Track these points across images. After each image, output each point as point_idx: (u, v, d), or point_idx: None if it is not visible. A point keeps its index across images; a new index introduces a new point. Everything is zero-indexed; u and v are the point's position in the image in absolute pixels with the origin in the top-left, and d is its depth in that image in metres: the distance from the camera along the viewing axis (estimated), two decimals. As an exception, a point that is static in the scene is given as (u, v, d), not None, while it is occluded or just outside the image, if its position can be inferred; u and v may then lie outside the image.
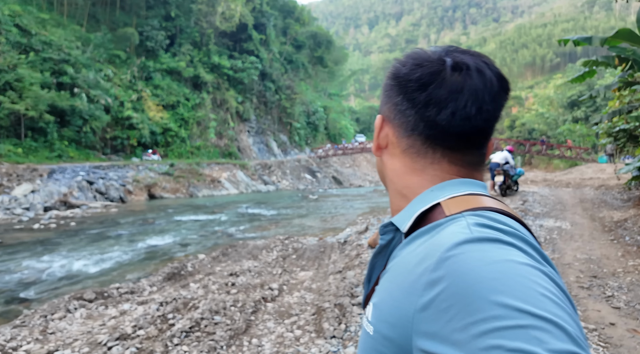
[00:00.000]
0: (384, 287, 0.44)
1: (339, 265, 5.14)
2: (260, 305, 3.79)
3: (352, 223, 9.88)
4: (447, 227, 0.42)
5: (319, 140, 43.51)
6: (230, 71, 32.08)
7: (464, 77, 0.49)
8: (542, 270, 0.37)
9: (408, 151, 0.53)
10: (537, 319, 0.31)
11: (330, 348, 2.73)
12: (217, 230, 9.99)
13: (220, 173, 24.49)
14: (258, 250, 6.67)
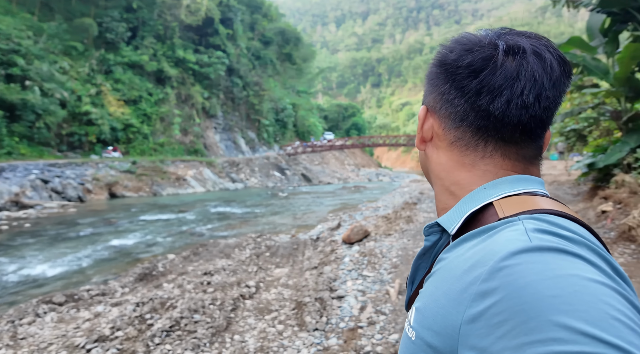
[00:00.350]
0: (428, 292, 0.42)
1: (314, 261, 5.25)
2: (239, 303, 3.82)
3: (323, 220, 10.02)
4: (502, 232, 0.38)
5: (288, 138, 43.40)
6: (195, 66, 31.22)
7: (520, 62, 0.44)
8: (615, 289, 0.32)
9: (456, 143, 0.49)
10: (607, 347, 0.28)
11: (314, 340, 2.83)
12: (185, 229, 9.79)
13: (185, 171, 23.84)
14: (230, 249, 6.65)
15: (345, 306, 3.41)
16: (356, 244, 5.73)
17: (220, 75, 33.33)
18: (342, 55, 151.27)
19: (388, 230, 6.43)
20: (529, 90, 0.44)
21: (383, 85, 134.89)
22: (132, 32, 28.59)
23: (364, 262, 4.69)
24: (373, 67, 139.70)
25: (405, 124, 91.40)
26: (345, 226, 7.84)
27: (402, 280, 3.95)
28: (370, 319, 3.13)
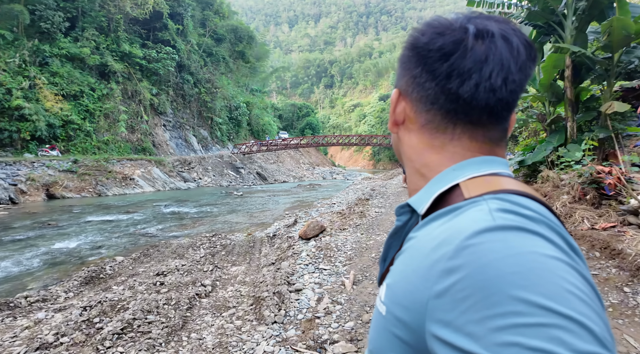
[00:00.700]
0: (398, 269, 0.43)
1: (271, 258, 5.28)
2: (195, 301, 3.76)
3: (279, 218, 10.04)
4: (467, 211, 0.40)
5: (242, 136, 42.61)
6: (143, 61, 29.61)
7: (489, 45, 0.45)
8: (570, 264, 0.34)
9: (427, 126, 0.50)
10: (561, 318, 0.30)
11: (273, 333, 2.88)
12: (134, 231, 9.33)
13: (133, 170, 22.58)
14: (183, 249, 6.47)
15: (303, 299, 3.48)
16: (313, 239, 5.84)
17: (169, 71, 31.91)
18: (296, 56, 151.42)
19: (343, 225, 6.62)
20: (497, 73, 0.45)
21: (336, 86, 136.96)
22: (70, 22, 26.47)
23: (321, 256, 4.80)
24: (326, 69, 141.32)
25: (357, 125, 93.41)
26: (301, 223, 7.93)
27: (356, 271, 4.12)
28: (327, 310, 3.23)
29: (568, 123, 6.66)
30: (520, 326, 0.30)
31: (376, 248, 5.02)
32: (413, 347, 0.39)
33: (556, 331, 0.29)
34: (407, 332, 0.40)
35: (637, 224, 3.89)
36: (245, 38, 44.36)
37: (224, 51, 41.97)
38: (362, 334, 2.76)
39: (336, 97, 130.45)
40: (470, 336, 0.32)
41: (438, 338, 0.35)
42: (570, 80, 6.67)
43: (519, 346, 0.29)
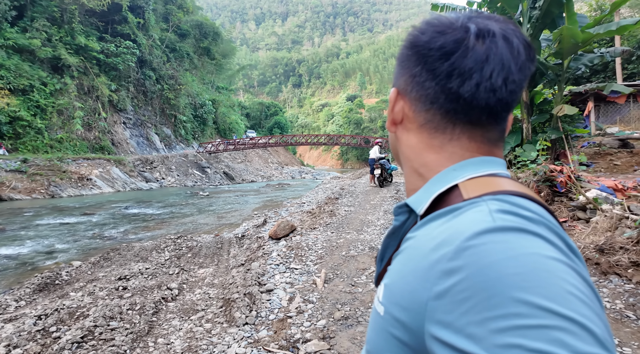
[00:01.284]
0: (396, 269, 0.43)
1: (241, 259, 5.20)
2: (161, 305, 3.63)
3: (248, 218, 9.90)
4: (466, 212, 0.40)
5: (208, 135, 41.54)
6: (100, 55, 28.07)
7: (490, 45, 0.44)
8: (570, 265, 0.34)
9: (426, 126, 0.50)
10: (562, 320, 0.30)
11: (244, 334, 2.84)
12: (92, 234, 8.84)
13: (90, 170, 21.40)
14: (147, 252, 6.23)
15: (275, 299, 3.46)
16: (283, 239, 5.81)
17: (130, 67, 30.48)
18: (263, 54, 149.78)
19: (313, 224, 6.63)
20: (497, 73, 0.44)
21: (304, 85, 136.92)
22: (18, 11, 24.63)
23: (292, 256, 4.79)
24: (294, 68, 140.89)
25: (325, 124, 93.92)
26: (271, 222, 7.86)
27: (327, 270, 4.14)
28: (299, 309, 3.23)
29: (524, 124, 7.06)
30: (522, 327, 0.30)
31: (346, 246, 5.07)
32: (411, 348, 0.39)
33: (557, 332, 0.29)
34: (405, 333, 0.39)
35: (585, 219, 4.20)
36: (211, 34, 43.26)
37: (188, 47, 40.71)
38: (334, 332, 2.79)
39: (304, 96, 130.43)
40: (470, 338, 0.32)
41: (438, 339, 0.35)
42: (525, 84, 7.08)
43: (520, 347, 0.29)
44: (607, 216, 3.73)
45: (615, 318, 2.65)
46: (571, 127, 6.85)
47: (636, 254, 3.35)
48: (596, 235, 3.70)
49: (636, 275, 3.12)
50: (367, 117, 76.33)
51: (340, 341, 2.64)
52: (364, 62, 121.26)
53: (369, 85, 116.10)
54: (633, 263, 3.26)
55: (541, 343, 0.29)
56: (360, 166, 62.58)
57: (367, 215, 7.33)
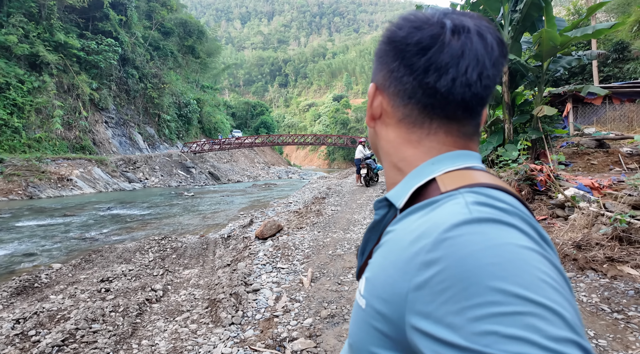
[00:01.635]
0: (377, 262, 0.44)
1: (227, 259, 5.16)
2: (145, 307, 3.58)
3: (234, 219, 9.82)
4: (444, 205, 0.41)
5: (193, 134, 40.99)
6: (81, 52, 27.36)
7: (465, 41, 0.45)
8: (542, 254, 0.36)
9: (404, 121, 0.51)
10: (535, 306, 0.31)
11: (230, 334, 2.82)
12: (72, 235, 8.63)
13: (70, 170, 20.87)
14: (130, 253, 6.13)
15: (261, 298, 3.45)
16: (270, 239, 5.79)
17: (112, 65, 29.82)
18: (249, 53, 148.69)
19: (300, 224, 6.64)
20: (472, 68, 0.45)
21: (290, 85, 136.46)
22: (-7, 5, 23.83)
23: (278, 255, 4.78)
24: (280, 67, 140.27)
25: (312, 124, 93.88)
26: (257, 223, 7.83)
27: (314, 269, 4.15)
28: (285, 308, 3.24)
29: (505, 125, 7.23)
30: (498, 315, 0.31)
31: (333, 245, 5.09)
32: (393, 339, 0.40)
33: (531, 318, 0.30)
34: (387, 324, 0.40)
35: (564, 216, 4.33)
36: (195, 32, 42.72)
37: (172, 45, 40.09)
38: (320, 330, 2.80)
39: (291, 96, 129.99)
40: (449, 327, 0.33)
41: (418, 330, 0.36)
42: (507, 85, 7.24)
43: (496, 334, 0.30)
44: (584, 214, 3.85)
45: (592, 312, 2.75)
46: (551, 127, 7.06)
47: (611, 249, 3.48)
48: (574, 232, 3.82)
49: (611, 270, 3.24)
50: (353, 117, 76.68)
51: (326, 339, 2.66)
52: (350, 63, 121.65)
53: (355, 85, 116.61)
54: (608, 258, 3.38)
55: (515, 329, 0.30)
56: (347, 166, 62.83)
57: (353, 214, 7.38)
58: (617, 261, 3.34)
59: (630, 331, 2.42)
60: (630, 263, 3.28)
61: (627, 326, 2.48)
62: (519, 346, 0.29)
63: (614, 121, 12.18)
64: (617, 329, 2.45)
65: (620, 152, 7.85)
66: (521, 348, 0.29)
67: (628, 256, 3.36)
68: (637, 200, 3.77)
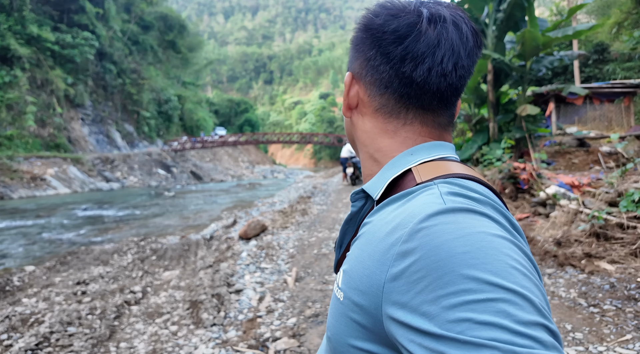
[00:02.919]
0: (354, 254, 0.44)
1: (209, 260, 5.07)
2: (124, 309, 3.47)
3: (217, 219, 9.67)
4: (419, 195, 0.41)
5: (174, 132, 40.18)
6: (55, 46, 26.39)
7: (441, 30, 0.45)
8: (513, 242, 0.37)
9: (380, 111, 0.50)
10: (506, 292, 0.32)
11: (212, 335, 2.76)
12: (46, 237, 8.32)
13: (44, 170, 20.16)
14: (108, 255, 5.96)
15: (244, 299, 3.40)
16: (253, 239, 5.72)
17: (88, 59, 28.88)
18: (232, 49, 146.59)
19: (285, 223, 6.58)
20: (448, 58, 0.46)
21: (275, 82, 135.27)
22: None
23: (262, 255, 4.72)
24: (265, 64, 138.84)
25: (298, 122, 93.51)
26: (241, 222, 7.73)
27: (298, 268, 4.11)
28: (269, 308, 3.19)
29: (490, 124, 7.35)
30: (471, 302, 0.32)
31: (318, 244, 5.06)
32: (370, 330, 0.40)
33: (502, 304, 0.31)
34: (364, 316, 0.40)
35: (545, 214, 4.42)
36: (176, 27, 41.81)
37: (152, 40, 39.14)
38: (304, 329, 2.77)
39: (276, 93, 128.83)
40: (424, 316, 0.33)
41: (394, 320, 0.36)
42: (492, 84, 7.36)
43: (470, 321, 0.31)
44: (565, 211, 3.95)
45: (569, 306, 2.80)
46: (534, 126, 7.22)
47: (588, 246, 3.57)
48: (555, 229, 3.91)
49: (588, 265, 3.32)
50: (340, 116, 76.69)
51: (310, 338, 2.64)
52: (336, 60, 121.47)
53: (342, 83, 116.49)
54: (586, 254, 3.46)
55: (488, 315, 0.31)
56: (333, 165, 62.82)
57: (339, 213, 7.37)
58: (594, 257, 3.43)
59: (605, 324, 2.48)
60: (607, 258, 3.37)
61: (602, 319, 2.54)
62: (491, 332, 0.30)
63: (594, 120, 12.58)
64: (593, 323, 2.51)
65: (600, 151, 8.12)
66: (493, 333, 0.30)
67: (604, 252, 3.45)
68: (613, 197, 3.89)
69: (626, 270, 3.16)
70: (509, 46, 7.60)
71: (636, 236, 3.36)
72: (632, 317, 2.50)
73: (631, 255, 3.32)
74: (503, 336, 0.30)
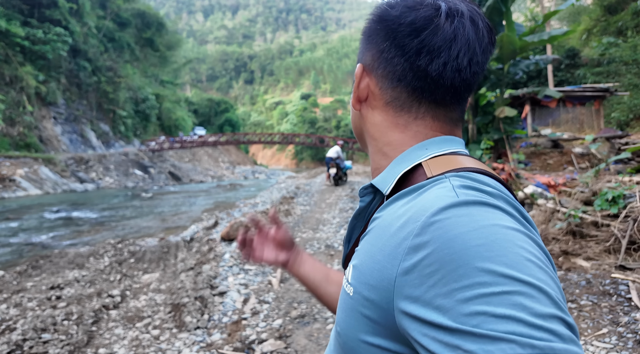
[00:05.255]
0: (364, 249, 0.43)
1: (190, 262, 4.97)
2: (102, 314, 3.35)
3: (197, 220, 9.49)
4: (431, 189, 0.41)
5: (151, 132, 39.20)
6: (25, 42, 25.29)
7: (458, 25, 0.45)
8: (527, 234, 0.37)
9: (392, 103, 0.50)
10: (522, 285, 0.32)
11: (196, 338, 2.70)
12: (16, 241, 7.96)
13: (13, 170, 19.29)
14: (83, 258, 5.76)
15: (228, 301, 3.35)
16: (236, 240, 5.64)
17: (61, 56, 27.83)
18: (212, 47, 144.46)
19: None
20: (464, 54, 0.45)
21: (256, 82, 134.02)
22: None
23: (245, 256, 4.65)
24: (245, 63, 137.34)
25: (279, 123, 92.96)
26: (223, 224, 7.61)
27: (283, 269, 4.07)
28: (254, 310, 3.15)
29: (469, 125, 7.52)
30: (486, 295, 0.31)
31: (302, 245, 5.03)
32: (382, 325, 0.40)
33: (518, 297, 0.31)
34: (375, 311, 0.40)
35: (523, 212, 4.55)
36: (154, 24, 40.86)
37: (129, 37, 38.10)
38: (291, 331, 2.75)
39: (257, 93, 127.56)
40: (438, 309, 0.33)
41: (407, 314, 0.36)
42: (470, 86, 7.53)
43: (486, 314, 0.31)
44: (542, 211, 4.08)
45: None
46: (511, 128, 7.43)
47: (565, 243, 3.69)
48: (532, 227, 4.02)
49: (565, 263, 3.44)
50: (321, 116, 76.78)
51: (296, 339, 2.62)
52: (317, 61, 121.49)
53: (323, 84, 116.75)
54: (563, 251, 3.58)
55: (504, 308, 0.31)
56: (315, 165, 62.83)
57: (323, 214, 7.37)
58: (571, 254, 3.56)
59: (582, 319, 2.56)
60: (582, 255, 3.50)
61: (580, 314, 2.62)
62: (507, 325, 0.30)
63: (568, 123, 13.08)
64: (572, 318, 2.60)
65: (573, 152, 8.44)
66: (509, 326, 0.30)
67: (580, 249, 3.58)
68: (588, 197, 4.04)
69: (601, 266, 3.28)
70: (487, 49, 7.82)
71: (610, 233, 3.50)
72: (607, 312, 2.60)
73: (605, 252, 3.46)
74: (520, 329, 0.30)
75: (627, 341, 2.22)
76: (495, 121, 7.26)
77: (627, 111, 14.24)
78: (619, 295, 2.77)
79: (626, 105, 14.35)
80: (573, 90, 12.88)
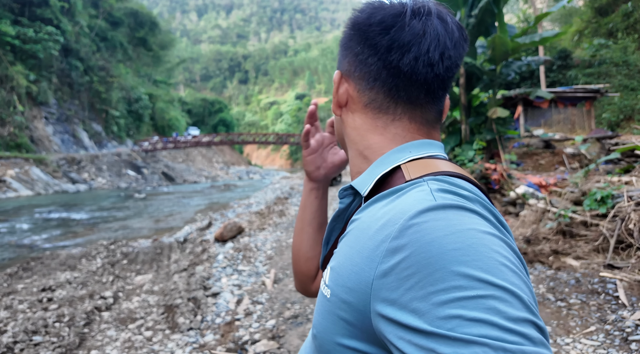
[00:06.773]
0: (342, 251, 0.43)
1: (183, 263, 4.95)
2: (94, 316, 3.33)
3: (190, 221, 9.45)
4: (409, 192, 0.41)
5: (145, 132, 38.92)
6: (16, 41, 24.99)
7: (426, 21, 0.47)
8: (502, 239, 0.37)
9: (370, 105, 0.51)
10: (497, 289, 0.32)
11: (189, 340, 2.70)
12: (7, 242, 7.87)
13: (4, 171, 19.06)
14: (75, 260, 5.71)
15: (221, 302, 3.34)
16: (230, 241, 5.63)
17: (52, 55, 27.53)
18: (206, 47, 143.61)
19: (262, 225, 6.52)
20: (434, 48, 0.46)
21: (250, 82, 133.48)
22: None
23: (239, 257, 4.66)
24: (239, 63, 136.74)
25: (274, 123, 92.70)
26: (217, 224, 7.59)
27: (277, 270, 4.08)
28: (247, 311, 3.15)
29: (462, 126, 7.57)
30: (461, 299, 0.32)
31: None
32: (358, 328, 0.40)
33: (492, 301, 0.31)
34: (352, 313, 0.40)
35: (515, 213, 4.60)
36: (147, 24, 40.60)
37: (122, 37, 37.81)
38: (284, 331, 2.76)
39: (251, 93, 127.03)
40: (414, 312, 0.33)
41: (383, 317, 0.36)
42: (464, 87, 7.57)
43: (460, 317, 0.31)
44: (533, 210, 4.12)
45: (539, 301, 2.93)
46: (503, 128, 7.50)
47: (555, 243, 3.74)
48: (524, 228, 4.07)
49: (555, 262, 3.48)
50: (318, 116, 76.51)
51: (290, 340, 2.63)
52: (312, 61, 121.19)
53: (318, 84, 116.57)
54: (553, 251, 3.63)
55: (478, 312, 0.31)
56: (307, 165, 62.67)
57: (315, 214, 7.36)
58: (561, 253, 3.60)
59: (571, 317, 2.60)
60: (572, 254, 3.54)
61: (569, 312, 2.67)
62: (481, 328, 0.30)
63: (559, 123, 13.22)
64: (560, 316, 2.63)
65: (565, 153, 8.54)
66: (483, 329, 0.30)
67: (570, 249, 3.63)
68: (577, 197, 4.09)
69: (590, 265, 3.33)
70: (480, 51, 7.87)
71: (599, 233, 3.55)
72: (596, 310, 2.64)
73: (594, 251, 3.51)
74: (493, 332, 0.30)
75: (614, 338, 2.26)
76: (487, 122, 7.33)
77: (618, 112, 14.45)
78: (607, 293, 2.81)
79: (617, 106, 14.57)
80: (565, 91, 13.04)
